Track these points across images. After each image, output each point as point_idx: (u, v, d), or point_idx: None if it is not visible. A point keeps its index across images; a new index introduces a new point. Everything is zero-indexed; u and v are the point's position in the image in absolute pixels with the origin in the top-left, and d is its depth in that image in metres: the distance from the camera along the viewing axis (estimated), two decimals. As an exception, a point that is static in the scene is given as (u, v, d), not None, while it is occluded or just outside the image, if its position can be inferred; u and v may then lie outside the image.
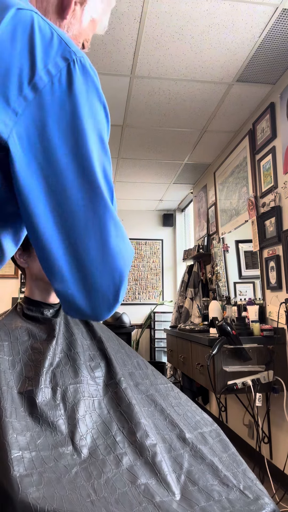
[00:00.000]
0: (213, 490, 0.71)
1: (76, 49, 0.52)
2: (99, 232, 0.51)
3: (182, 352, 2.95)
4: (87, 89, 0.52)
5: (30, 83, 0.48)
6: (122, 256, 0.53)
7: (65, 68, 0.50)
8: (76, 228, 0.51)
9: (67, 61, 0.50)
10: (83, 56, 0.53)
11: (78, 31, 0.68)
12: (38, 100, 0.49)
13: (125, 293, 4.38)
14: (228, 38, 2.04)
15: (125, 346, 1.03)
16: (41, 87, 0.49)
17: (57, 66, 0.50)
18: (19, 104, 0.48)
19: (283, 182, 2.34)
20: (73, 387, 0.79)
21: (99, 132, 0.54)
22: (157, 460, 0.71)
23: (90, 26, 0.70)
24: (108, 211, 0.52)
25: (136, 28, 1.96)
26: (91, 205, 0.51)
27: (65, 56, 0.51)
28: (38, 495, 0.58)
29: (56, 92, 0.49)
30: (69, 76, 0.50)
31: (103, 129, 0.55)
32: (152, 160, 3.67)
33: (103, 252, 0.51)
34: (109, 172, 0.54)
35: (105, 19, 0.73)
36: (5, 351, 0.80)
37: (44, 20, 0.52)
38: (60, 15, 0.65)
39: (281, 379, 2.21)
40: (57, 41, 0.51)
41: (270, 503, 0.73)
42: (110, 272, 0.52)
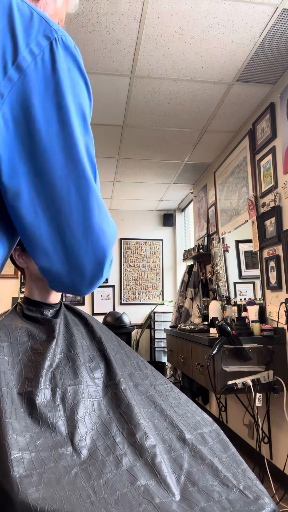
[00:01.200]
0: (213, 491, 0.71)
1: (57, 27, 0.52)
2: (82, 211, 0.52)
3: (182, 352, 2.95)
4: (70, 67, 0.52)
5: (14, 63, 0.48)
6: (105, 234, 0.54)
7: (47, 47, 0.50)
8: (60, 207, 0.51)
9: (49, 39, 0.50)
10: (65, 34, 0.53)
11: (53, 11, 0.68)
12: (23, 80, 0.49)
13: (126, 292, 4.35)
14: (228, 38, 2.04)
15: (125, 347, 1.03)
16: (24, 67, 0.49)
17: (40, 45, 0.50)
18: (5, 86, 0.48)
19: (283, 182, 2.34)
20: (73, 388, 0.79)
21: (82, 110, 0.54)
22: (157, 461, 0.71)
23: (64, 5, 0.70)
24: (91, 191, 0.52)
25: (136, 28, 1.96)
26: (74, 184, 0.51)
27: (47, 34, 0.50)
28: (38, 496, 0.58)
29: (40, 71, 0.49)
30: (52, 54, 0.50)
31: (86, 107, 0.55)
32: (152, 160, 3.67)
33: (86, 230, 0.52)
34: (92, 151, 0.55)
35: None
36: (5, 352, 0.80)
37: (22, 0, 0.51)
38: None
39: (281, 379, 2.21)
40: (38, 20, 0.51)
41: (270, 503, 0.73)
42: (93, 250, 0.53)
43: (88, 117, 0.55)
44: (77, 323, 0.99)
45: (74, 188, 0.52)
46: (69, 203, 0.51)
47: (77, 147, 0.52)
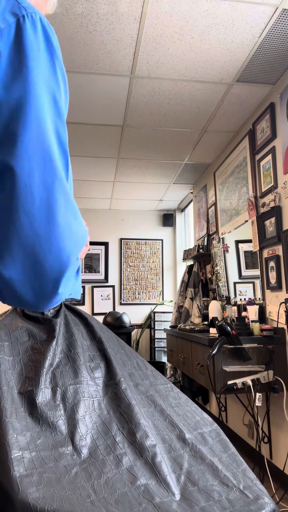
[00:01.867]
0: (213, 490, 0.71)
1: (28, 5, 0.49)
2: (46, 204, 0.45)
3: (182, 352, 2.95)
4: (39, 45, 0.49)
5: None
6: (71, 234, 0.47)
7: (14, 23, 0.47)
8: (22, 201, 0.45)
9: (17, 16, 0.48)
10: (36, 12, 0.49)
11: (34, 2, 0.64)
12: None
13: (126, 292, 4.33)
14: (228, 38, 2.04)
15: (125, 347, 1.03)
16: None
17: (6, 21, 0.47)
18: None
19: (283, 182, 2.34)
20: (73, 388, 0.80)
21: (52, 91, 0.50)
22: (157, 461, 0.72)
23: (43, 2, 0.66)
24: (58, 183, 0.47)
25: (136, 28, 1.96)
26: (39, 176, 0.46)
27: (15, 11, 0.48)
28: (38, 495, 0.58)
29: (5, 49, 0.46)
30: (18, 31, 0.47)
31: (57, 89, 0.51)
32: (152, 160, 3.67)
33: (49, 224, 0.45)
34: (63, 138, 0.50)
35: None
36: (5, 351, 0.81)
37: None
38: None
39: (281, 379, 2.21)
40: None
41: (270, 503, 0.73)
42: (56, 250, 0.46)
43: (59, 99, 0.51)
44: (77, 323, 0.99)
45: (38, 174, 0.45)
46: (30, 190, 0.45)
47: (44, 129, 0.47)
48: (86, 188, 4.45)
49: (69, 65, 2.25)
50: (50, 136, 0.47)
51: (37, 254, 0.45)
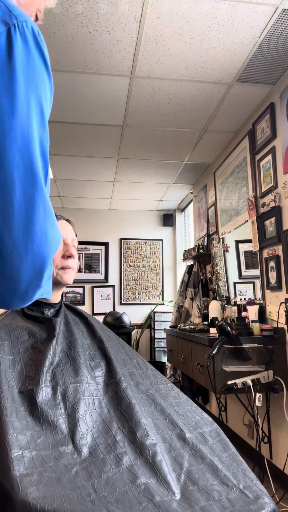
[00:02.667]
0: (213, 490, 0.71)
1: (19, 13, 0.49)
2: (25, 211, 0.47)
3: (182, 352, 2.95)
4: (29, 56, 0.49)
5: None
6: (48, 240, 0.49)
7: (4, 33, 0.47)
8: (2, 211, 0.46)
9: (8, 25, 0.47)
10: (27, 21, 0.49)
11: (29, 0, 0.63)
12: None
13: (126, 292, 4.32)
14: (228, 38, 2.04)
15: (125, 346, 1.03)
16: None
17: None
18: None
19: (283, 182, 2.34)
20: (73, 386, 0.80)
21: (40, 102, 0.50)
22: (157, 460, 0.72)
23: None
24: (39, 194, 0.48)
25: (136, 28, 1.96)
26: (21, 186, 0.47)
27: (5, 20, 0.47)
28: (38, 495, 0.58)
29: None
30: (8, 40, 0.47)
31: (45, 100, 0.51)
32: (152, 160, 3.67)
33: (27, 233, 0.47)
34: (46, 149, 0.51)
35: None
36: (5, 350, 0.80)
37: None
38: None
39: (281, 379, 2.21)
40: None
41: (270, 502, 0.73)
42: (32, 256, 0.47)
43: (45, 110, 0.51)
44: (77, 322, 0.99)
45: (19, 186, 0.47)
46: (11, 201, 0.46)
47: (29, 141, 0.48)
48: (86, 188, 4.45)
49: (69, 65, 2.25)
50: (34, 149, 0.48)
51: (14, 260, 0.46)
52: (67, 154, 3.49)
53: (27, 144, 0.47)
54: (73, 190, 4.52)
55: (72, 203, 5.00)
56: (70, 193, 4.63)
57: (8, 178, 0.46)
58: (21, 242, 0.47)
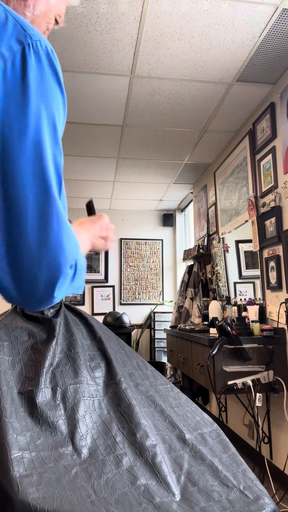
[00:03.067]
0: (213, 491, 0.71)
1: (33, 33, 0.51)
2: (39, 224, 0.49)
3: (182, 352, 2.95)
4: (43, 74, 0.50)
5: None
6: (64, 250, 0.51)
7: (19, 52, 0.48)
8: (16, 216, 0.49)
9: (22, 44, 0.49)
10: (41, 40, 0.51)
11: (46, 7, 0.65)
12: None
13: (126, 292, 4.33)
14: (228, 38, 2.04)
15: (125, 347, 1.03)
16: None
17: (11, 50, 0.48)
18: None
19: (283, 182, 2.34)
20: (73, 387, 0.79)
21: (53, 119, 0.52)
22: (157, 461, 0.71)
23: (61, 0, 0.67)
24: (52, 207, 0.50)
25: (136, 28, 1.96)
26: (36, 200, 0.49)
27: (20, 39, 0.49)
28: (38, 496, 0.58)
29: (9, 76, 0.48)
30: (23, 59, 0.49)
31: (58, 116, 0.53)
32: (152, 160, 3.67)
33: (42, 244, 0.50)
34: (60, 164, 0.53)
35: None
36: (5, 351, 0.80)
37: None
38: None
39: (281, 379, 2.21)
40: (12, 24, 0.49)
41: (270, 503, 0.73)
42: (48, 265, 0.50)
43: (58, 127, 0.53)
44: (77, 323, 0.99)
45: (33, 200, 0.49)
46: (26, 215, 0.49)
47: (43, 157, 0.50)
48: (86, 188, 4.45)
49: (69, 65, 2.24)
50: (47, 164, 0.50)
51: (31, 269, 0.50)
52: (67, 154, 3.49)
53: (39, 161, 0.49)
54: (73, 190, 4.52)
55: (72, 203, 5.00)
56: (70, 193, 4.63)
57: (21, 193, 0.48)
58: (36, 252, 0.49)
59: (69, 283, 0.54)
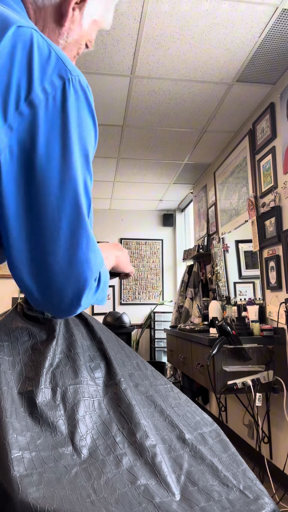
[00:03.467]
0: (213, 491, 0.71)
1: (73, 68, 0.54)
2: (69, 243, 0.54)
3: (182, 352, 2.95)
4: (79, 108, 0.54)
5: (27, 99, 0.50)
6: (89, 265, 0.56)
7: (60, 87, 0.52)
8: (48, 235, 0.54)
9: (63, 79, 0.52)
10: (79, 75, 0.55)
11: (79, 35, 0.69)
12: (32, 116, 0.51)
13: (126, 292, 4.36)
14: (228, 38, 2.04)
15: (125, 347, 1.03)
16: (36, 104, 0.51)
17: (53, 84, 0.52)
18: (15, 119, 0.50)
19: (283, 182, 2.34)
20: (73, 388, 0.80)
21: (85, 149, 0.56)
22: (157, 461, 0.72)
23: (92, 27, 0.71)
24: (82, 226, 0.55)
25: (136, 28, 1.96)
26: (66, 217, 0.54)
27: (61, 74, 0.52)
28: (38, 495, 0.58)
29: (50, 109, 0.52)
30: (63, 94, 0.52)
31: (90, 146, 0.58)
32: (152, 160, 3.67)
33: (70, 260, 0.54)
34: (89, 188, 0.58)
35: (108, 16, 0.73)
36: (5, 351, 0.81)
37: (42, 38, 0.53)
38: (59, 23, 0.66)
39: (281, 379, 2.21)
40: (55, 59, 0.52)
41: (270, 503, 0.73)
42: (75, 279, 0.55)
43: (91, 156, 0.58)
44: (77, 323, 0.99)
45: (65, 221, 0.54)
46: (58, 235, 0.54)
47: (75, 183, 0.54)
48: (86, 188, 4.45)
49: (69, 65, 2.25)
50: (80, 189, 0.55)
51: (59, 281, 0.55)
52: (67, 154, 3.49)
53: (73, 186, 0.54)
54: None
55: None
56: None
57: (56, 215, 0.53)
58: (65, 267, 0.54)
59: (92, 295, 0.59)
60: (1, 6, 0.55)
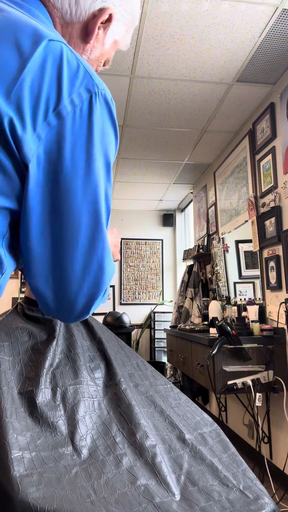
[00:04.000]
0: (213, 491, 0.71)
1: (99, 82, 0.57)
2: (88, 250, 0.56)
3: (182, 352, 2.95)
4: (104, 120, 0.57)
5: (55, 110, 0.52)
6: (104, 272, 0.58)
7: (87, 100, 0.54)
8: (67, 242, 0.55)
9: (90, 93, 0.55)
10: (105, 89, 0.57)
11: (100, 53, 0.72)
12: (60, 126, 0.53)
13: (126, 292, 4.34)
14: (228, 38, 2.04)
15: (125, 347, 1.03)
16: (64, 115, 0.53)
17: (81, 97, 0.54)
18: (43, 129, 0.52)
19: (283, 182, 2.34)
20: (73, 388, 0.80)
21: (108, 159, 0.59)
22: (157, 461, 0.72)
23: (113, 46, 0.75)
24: (101, 237, 0.57)
25: (136, 28, 1.96)
26: (86, 225, 0.56)
27: (89, 88, 0.55)
28: (38, 495, 0.58)
29: (77, 121, 0.54)
30: (90, 107, 0.55)
31: (112, 157, 0.60)
32: (152, 160, 3.67)
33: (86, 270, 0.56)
34: (110, 198, 0.60)
35: (127, 37, 0.77)
36: (5, 351, 0.81)
37: (71, 52, 0.55)
38: (84, 39, 0.69)
39: (281, 379, 2.21)
40: (82, 73, 0.55)
41: (270, 503, 0.73)
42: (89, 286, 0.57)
43: (111, 165, 0.60)
44: (77, 324, 0.99)
45: (85, 231, 0.56)
46: (77, 243, 0.55)
47: (97, 191, 0.56)
48: (86, 188, 4.45)
49: (69, 65, 2.25)
50: (100, 199, 0.57)
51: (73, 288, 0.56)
52: (67, 154, 3.49)
53: (95, 196, 0.56)
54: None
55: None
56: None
57: (76, 223, 0.55)
58: (80, 276, 0.56)
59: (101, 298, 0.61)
60: (31, 18, 0.57)
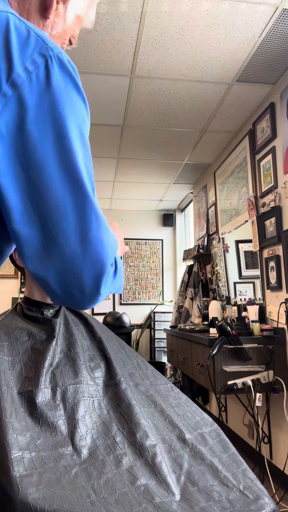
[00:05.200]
0: (213, 491, 0.71)
1: (54, 46, 0.53)
2: (80, 224, 0.52)
3: (182, 352, 2.95)
4: (66, 84, 0.53)
5: (8, 80, 0.49)
6: (104, 246, 0.53)
7: (42, 64, 0.51)
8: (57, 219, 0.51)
9: (44, 57, 0.51)
10: (61, 52, 0.54)
11: (62, 29, 0.69)
12: (17, 96, 0.49)
13: (126, 292, 4.33)
14: (228, 38, 2.04)
15: (125, 347, 1.03)
16: (19, 83, 0.49)
17: (35, 63, 0.51)
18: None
19: (283, 182, 2.34)
20: (73, 388, 0.79)
21: (79, 126, 0.55)
22: (157, 461, 0.71)
23: (76, 22, 0.71)
24: (90, 205, 0.53)
25: (136, 28, 1.96)
26: (72, 198, 0.52)
27: (42, 52, 0.52)
28: (38, 496, 0.58)
29: (34, 88, 0.50)
30: (47, 71, 0.51)
31: (83, 123, 0.56)
32: (152, 160, 3.67)
33: (83, 242, 0.52)
34: (90, 166, 0.55)
35: (91, 13, 0.73)
36: (5, 351, 0.80)
37: (20, 20, 0.53)
38: (43, 14, 0.66)
39: (281, 379, 2.21)
40: (34, 39, 0.52)
41: (270, 503, 0.73)
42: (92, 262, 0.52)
43: (85, 133, 0.56)
44: (77, 323, 0.99)
45: (71, 201, 0.52)
46: (66, 216, 0.51)
47: (75, 161, 0.52)
48: (86, 188, 4.44)
49: (69, 65, 2.24)
50: (81, 170, 0.53)
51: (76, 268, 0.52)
52: (67, 154, 3.49)
53: (73, 165, 0.52)
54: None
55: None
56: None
57: (60, 195, 0.51)
58: (79, 251, 0.52)
59: (111, 281, 0.57)
60: None
